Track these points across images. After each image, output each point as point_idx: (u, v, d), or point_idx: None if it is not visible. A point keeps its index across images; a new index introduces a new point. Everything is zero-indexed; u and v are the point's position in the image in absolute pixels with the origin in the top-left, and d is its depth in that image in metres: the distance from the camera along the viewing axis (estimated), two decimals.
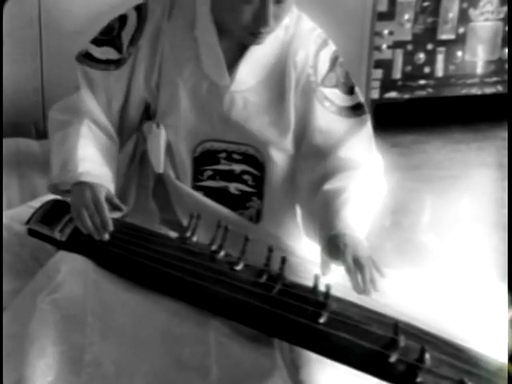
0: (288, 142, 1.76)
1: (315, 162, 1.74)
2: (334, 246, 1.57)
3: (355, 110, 1.77)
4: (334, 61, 1.76)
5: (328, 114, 1.74)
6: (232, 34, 1.68)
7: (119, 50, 1.76)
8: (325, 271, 1.58)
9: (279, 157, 1.78)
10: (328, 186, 1.69)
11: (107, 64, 1.77)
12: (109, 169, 1.73)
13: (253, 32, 1.63)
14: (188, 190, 1.81)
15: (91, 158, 1.71)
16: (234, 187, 1.81)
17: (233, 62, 1.72)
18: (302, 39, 1.74)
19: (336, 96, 1.75)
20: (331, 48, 1.77)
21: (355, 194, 1.67)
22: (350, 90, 1.77)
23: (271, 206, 1.83)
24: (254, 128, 1.74)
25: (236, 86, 1.72)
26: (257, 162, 1.79)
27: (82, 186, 1.67)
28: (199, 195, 1.80)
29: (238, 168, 1.80)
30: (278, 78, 1.73)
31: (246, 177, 1.80)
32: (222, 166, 1.80)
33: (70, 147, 1.72)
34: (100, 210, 1.63)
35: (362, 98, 1.78)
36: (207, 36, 1.71)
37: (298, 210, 1.83)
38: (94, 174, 1.68)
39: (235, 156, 1.78)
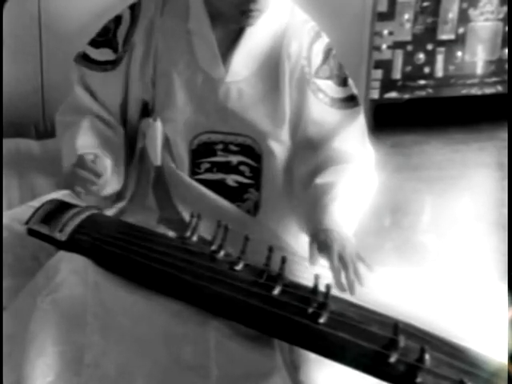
0: (284, 133, 1.78)
1: (308, 153, 1.75)
2: (321, 242, 1.60)
3: (348, 101, 1.78)
4: (327, 53, 1.77)
5: (321, 106, 1.76)
6: (225, 22, 1.69)
7: (115, 49, 1.78)
8: (313, 262, 1.60)
9: (276, 148, 1.79)
10: (319, 180, 1.71)
11: (105, 65, 1.79)
12: (109, 153, 1.78)
13: (243, 10, 1.64)
14: (188, 181, 1.82)
15: (90, 146, 1.76)
16: (231, 179, 1.82)
17: (227, 54, 1.74)
18: (295, 31, 1.75)
19: (329, 87, 1.77)
20: (324, 40, 1.78)
21: (345, 189, 1.69)
22: (344, 82, 1.79)
23: (268, 197, 1.83)
24: (250, 118, 1.76)
25: (231, 76, 1.74)
26: (254, 153, 1.80)
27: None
28: (199, 186, 1.82)
29: (234, 159, 1.81)
30: (271, 69, 1.75)
31: (243, 168, 1.81)
32: (219, 158, 1.81)
33: (74, 141, 1.77)
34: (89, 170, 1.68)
35: (355, 90, 1.80)
36: (201, 27, 1.72)
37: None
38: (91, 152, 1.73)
39: (232, 147, 1.80)
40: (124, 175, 1.85)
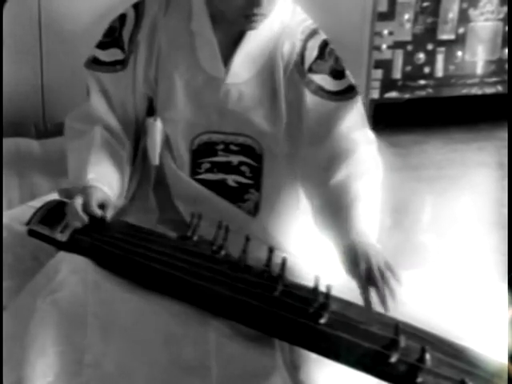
0: (283, 136, 1.77)
1: (313, 148, 1.74)
2: (349, 263, 1.56)
3: (346, 93, 1.76)
4: (322, 48, 1.76)
5: (318, 99, 1.74)
6: (227, 24, 1.69)
7: (123, 49, 1.78)
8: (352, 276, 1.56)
9: (276, 149, 1.79)
10: (332, 183, 1.68)
11: (114, 65, 1.79)
12: (117, 174, 1.76)
13: (247, 14, 1.64)
14: (188, 181, 1.82)
15: (100, 165, 1.74)
16: (231, 179, 1.82)
17: (228, 55, 1.73)
18: (290, 31, 1.75)
19: (326, 81, 1.75)
20: (321, 37, 1.77)
21: (361, 191, 1.66)
22: (341, 75, 1.77)
23: (269, 198, 1.83)
24: (250, 119, 1.75)
25: (231, 78, 1.74)
26: (254, 153, 1.80)
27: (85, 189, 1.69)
28: (199, 186, 1.81)
29: (235, 159, 1.81)
30: (269, 72, 1.75)
31: (243, 168, 1.81)
32: (220, 158, 1.81)
33: (83, 156, 1.75)
34: (87, 207, 1.65)
35: (352, 80, 1.78)
36: (203, 29, 1.72)
37: (299, 207, 1.83)
38: (100, 179, 1.71)
39: (232, 147, 1.79)
40: (127, 187, 1.85)
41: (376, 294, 1.50)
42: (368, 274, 1.51)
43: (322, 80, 1.75)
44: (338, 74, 1.77)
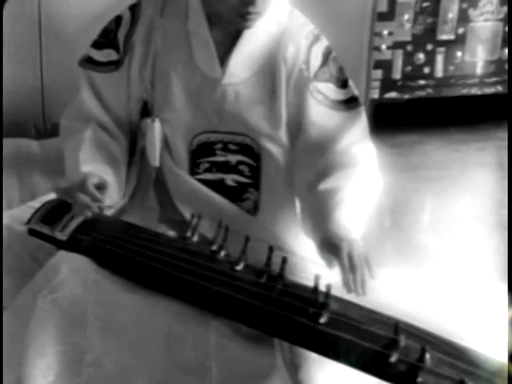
0: (282, 136, 1.77)
1: (312, 157, 1.74)
2: (329, 246, 1.58)
3: (349, 103, 1.77)
4: (326, 55, 1.76)
5: (322, 109, 1.75)
6: (223, 23, 1.70)
7: (117, 50, 1.78)
8: (330, 267, 1.58)
9: (274, 149, 1.79)
10: (323, 186, 1.70)
11: (109, 66, 1.79)
12: (111, 168, 1.77)
13: (241, 13, 1.64)
14: (187, 180, 1.82)
15: (90, 163, 1.75)
16: (230, 179, 1.82)
17: (225, 56, 1.74)
18: (292, 34, 1.75)
19: (330, 90, 1.76)
20: (324, 43, 1.77)
21: (350, 193, 1.68)
22: (344, 84, 1.78)
23: (268, 197, 1.83)
24: (247, 120, 1.75)
25: (228, 78, 1.74)
26: (253, 152, 1.80)
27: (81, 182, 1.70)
28: (198, 184, 1.82)
29: (233, 159, 1.81)
30: (269, 73, 1.75)
31: (242, 167, 1.81)
32: (218, 158, 1.81)
33: (76, 154, 1.76)
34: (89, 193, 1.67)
35: (355, 91, 1.79)
36: (199, 29, 1.72)
37: (297, 207, 1.84)
38: (95, 173, 1.72)
39: (231, 146, 1.80)
40: (125, 183, 1.85)
41: (351, 280, 1.51)
42: (348, 260, 1.53)
43: (326, 88, 1.75)
44: (341, 82, 1.77)
